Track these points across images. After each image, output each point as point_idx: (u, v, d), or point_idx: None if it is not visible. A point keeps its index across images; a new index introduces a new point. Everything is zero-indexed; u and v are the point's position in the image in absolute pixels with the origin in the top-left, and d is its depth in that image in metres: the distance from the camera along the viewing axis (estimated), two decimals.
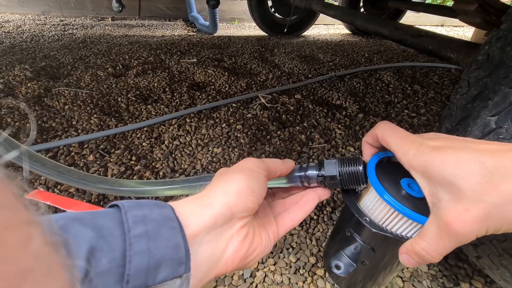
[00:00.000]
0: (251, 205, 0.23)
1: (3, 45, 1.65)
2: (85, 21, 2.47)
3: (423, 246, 0.21)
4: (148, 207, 0.20)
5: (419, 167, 0.21)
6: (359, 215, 0.27)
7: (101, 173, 0.73)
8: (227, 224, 0.22)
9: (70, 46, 1.68)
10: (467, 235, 0.19)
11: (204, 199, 0.22)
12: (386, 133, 0.25)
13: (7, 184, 0.10)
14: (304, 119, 1.02)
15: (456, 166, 0.19)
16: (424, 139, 0.22)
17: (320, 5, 1.62)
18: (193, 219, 0.21)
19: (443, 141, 0.21)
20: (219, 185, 0.23)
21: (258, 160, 0.26)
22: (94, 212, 0.19)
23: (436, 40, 0.79)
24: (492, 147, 0.19)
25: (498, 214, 0.18)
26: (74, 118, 0.96)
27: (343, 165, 0.28)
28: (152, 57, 1.56)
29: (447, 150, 0.20)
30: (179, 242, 0.19)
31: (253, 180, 0.23)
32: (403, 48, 1.99)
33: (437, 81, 1.38)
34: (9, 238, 0.09)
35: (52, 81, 1.21)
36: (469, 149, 0.20)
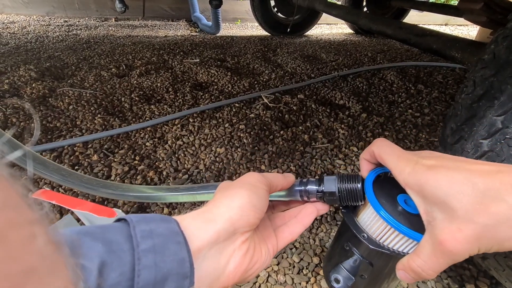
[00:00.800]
0: (253, 220, 0.23)
1: (9, 45, 1.67)
2: (89, 22, 2.49)
3: (419, 263, 0.22)
4: (155, 222, 0.20)
5: (414, 186, 0.22)
6: (357, 231, 0.28)
7: (105, 173, 0.74)
8: (230, 239, 0.23)
9: (74, 47, 1.70)
10: (460, 253, 0.20)
11: (208, 214, 0.22)
12: (382, 150, 0.25)
13: (12, 183, 0.10)
14: (307, 119, 1.01)
15: (449, 186, 0.20)
16: (419, 158, 0.23)
17: (323, 4, 1.62)
18: (197, 234, 0.21)
19: (437, 160, 0.22)
20: (222, 200, 0.24)
21: (260, 174, 0.26)
22: (103, 226, 0.19)
23: (440, 39, 0.79)
24: (484, 167, 0.20)
25: (488, 234, 0.19)
26: (78, 118, 0.96)
27: (342, 182, 0.28)
28: (155, 57, 1.56)
29: (440, 169, 0.21)
30: (184, 256, 0.20)
31: (256, 195, 0.24)
32: (407, 48, 1.98)
33: (441, 81, 1.37)
34: (13, 237, 0.09)
35: (57, 81, 1.22)
36: (462, 170, 0.20)
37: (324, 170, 0.78)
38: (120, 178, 0.73)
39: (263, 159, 0.81)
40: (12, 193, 0.10)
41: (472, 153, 0.39)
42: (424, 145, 0.89)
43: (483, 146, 0.38)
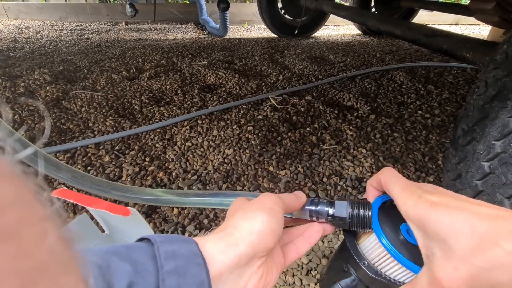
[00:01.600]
0: (271, 245, 0.24)
1: (24, 50, 1.73)
2: (100, 26, 2.55)
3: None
4: (177, 243, 0.21)
5: (416, 220, 0.23)
6: (358, 257, 0.28)
7: (116, 173, 0.75)
8: (249, 263, 0.23)
9: (86, 51, 1.74)
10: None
11: (230, 238, 0.23)
12: (388, 179, 0.26)
13: (24, 180, 0.10)
14: (314, 120, 1.01)
15: (449, 225, 0.21)
16: (422, 192, 0.24)
17: (331, 6, 1.62)
18: (219, 258, 0.22)
19: (440, 196, 0.23)
20: (243, 224, 0.24)
21: (276, 197, 0.27)
22: (128, 246, 0.20)
23: (451, 40, 0.78)
24: (485, 210, 0.21)
25: (483, 277, 0.19)
26: (91, 120, 0.99)
27: (354, 208, 0.29)
28: (164, 60, 1.59)
29: (443, 208, 0.22)
30: (204, 279, 0.20)
31: (275, 220, 0.25)
32: (416, 48, 1.95)
33: (452, 81, 1.35)
34: (25, 234, 0.09)
35: (70, 84, 1.26)
36: (463, 210, 0.21)
37: (332, 171, 0.78)
38: (131, 178, 0.74)
39: (271, 160, 0.81)
40: (24, 190, 0.10)
41: (484, 155, 0.38)
42: (435, 147, 0.88)
43: (495, 148, 0.37)
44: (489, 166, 0.38)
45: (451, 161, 0.46)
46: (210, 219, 0.63)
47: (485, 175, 0.39)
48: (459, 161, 0.44)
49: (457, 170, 0.44)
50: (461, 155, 0.43)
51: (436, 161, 0.82)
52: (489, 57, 0.59)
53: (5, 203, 0.09)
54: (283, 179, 0.74)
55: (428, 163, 0.81)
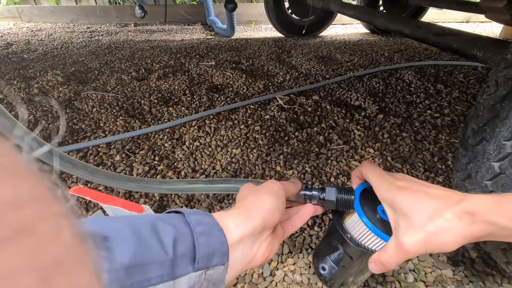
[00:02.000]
0: (277, 220, 0.31)
1: (37, 52, 1.78)
2: (110, 28, 2.60)
3: (385, 257, 0.30)
4: (201, 214, 0.27)
5: (387, 200, 0.30)
6: (343, 232, 0.36)
7: (127, 172, 0.77)
8: (260, 233, 0.29)
9: (97, 52, 1.78)
10: (412, 252, 0.27)
11: (247, 214, 0.29)
12: (368, 170, 0.34)
13: (40, 177, 0.11)
14: (322, 120, 1.01)
15: (411, 203, 0.28)
16: (393, 179, 0.31)
17: (338, 5, 1.61)
18: (238, 228, 0.28)
19: (406, 182, 0.30)
20: (256, 203, 0.30)
21: (279, 183, 0.34)
22: (166, 215, 0.27)
23: (461, 38, 0.77)
24: (437, 192, 0.28)
25: (432, 239, 0.26)
26: (102, 120, 1.01)
27: (340, 193, 0.36)
28: (173, 61, 1.61)
29: (407, 190, 0.29)
30: (223, 240, 0.26)
31: (280, 201, 0.31)
32: (425, 46, 1.92)
33: (462, 80, 1.32)
34: (42, 230, 0.09)
35: (81, 85, 1.29)
36: (421, 192, 0.29)
37: (340, 171, 0.78)
38: (141, 177, 0.76)
39: (278, 160, 0.82)
40: (40, 187, 0.10)
41: (494, 155, 0.38)
42: (444, 147, 0.87)
43: (506, 148, 0.37)
44: (499, 167, 0.38)
45: (461, 161, 0.46)
46: None
47: (495, 176, 0.39)
48: (469, 161, 0.43)
49: (467, 170, 0.44)
50: (471, 155, 0.43)
51: (445, 161, 0.81)
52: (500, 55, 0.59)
53: (23, 200, 0.09)
54: (290, 178, 0.75)
55: (438, 163, 0.80)
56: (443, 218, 0.26)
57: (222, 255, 0.25)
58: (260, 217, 0.29)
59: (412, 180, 0.31)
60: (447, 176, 0.76)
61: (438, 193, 0.28)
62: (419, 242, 0.27)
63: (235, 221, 0.28)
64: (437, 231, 0.26)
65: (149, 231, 0.23)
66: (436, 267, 0.54)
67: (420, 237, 0.27)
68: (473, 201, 0.26)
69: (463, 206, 0.26)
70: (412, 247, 0.27)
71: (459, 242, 0.26)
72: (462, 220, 0.26)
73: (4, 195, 0.09)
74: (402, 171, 0.78)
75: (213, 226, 0.26)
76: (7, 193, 0.09)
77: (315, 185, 0.38)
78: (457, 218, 0.26)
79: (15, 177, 0.09)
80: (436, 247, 0.27)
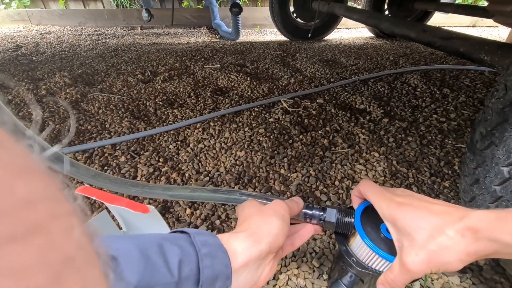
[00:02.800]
0: (282, 243, 0.31)
1: (45, 54, 1.81)
2: (117, 31, 2.63)
3: (391, 277, 0.29)
4: (206, 235, 0.27)
5: (389, 219, 0.29)
6: (348, 256, 0.35)
7: (131, 173, 0.78)
8: (267, 256, 0.30)
9: (104, 54, 1.80)
10: (417, 272, 0.27)
11: (254, 237, 0.29)
12: (366, 188, 0.33)
13: (51, 176, 0.11)
14: (326, 123, 1.01)
15: (412, 221, 0.27)
16: (393, 195, 0.30)
17: (343, 9, 1.61)
18: (244, 252, 0.28)
19: (406, 198, 0.29)
20: (263, 227, 0.30)
21: (285, 204, 0.34)
22: (172, 235, 0.27)
23: (468, 42, 0.76)
24: (438, 208, 0.27)
25: (435, 259, 0.26)
26: (107, 121, 1.02)
27: (341, 215, 0.35)
28: (178, 64, 1.62)
29: (408, 207, 0.28)
30: (228, 263, 0.26)
31: (285, 224, 0.31)
32: (431, 51, 1.91)
33: (468, 84, 1.31)
34: (54, 228, 0.10)
35: (88, 87, 1.30)
36: (423, 208, 0.28)
37: (345, 175, 0.77)
38: (145, 178, 0.76)
39: (282, 163, 0.81)
40: (52, 185, 0.11)
41: (503, 159, 0.37)
42: (451, 151, 0.85)
43: None
44: (508, 172, 0.37)
45: (469, 166, 0.45)
46: (222, 220, 0.64)
47: (504, 181, 0.38)
48: (477, 166, 0.43)
49: (475, 175, 0.43)
50: (479, 159, 0.42)
51: (452, 166, 0.80)
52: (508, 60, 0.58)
53: (37, 198, 0.09)
54: (294, 181, 0.75)
55: (444, 168, 0.79)
56: (445, 235, 0.25)
57: (226, 278, 0.26)
58: (267, 241, 0.29)
59: (412, 196, 0.30)
60: (453, 181, 0.75)
61: (440, 209, 0.27)
62: (422, 262, 0.26)
63: (242, 245, 0.28)
64: (440, 249, 0.25)
65: (156, 251, 0.23)
66: (443, 273, 0.53)
67: (423, 257, 0.26)
68: (476, 218, 0.25)
69: (466, 222, 0.25)
70: (415, 267, 0.26)
71: (464, 260, 0.25)
72: (465, 237, 0.25)
73: (19, 192, 0.09)
74: (407, 175, 0.77)
75: (218, 248, 0.26)
76: (22, 191, 0.09)
77: (316, 205, 0.39)
78: (459, 235, 0.25)
79: (29, 176, 0.10)
80: (440, 266, 0.26)
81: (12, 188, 0.09)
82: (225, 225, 0.63)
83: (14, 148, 0.10)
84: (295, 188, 0.73)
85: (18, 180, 0.09)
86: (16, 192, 0.09)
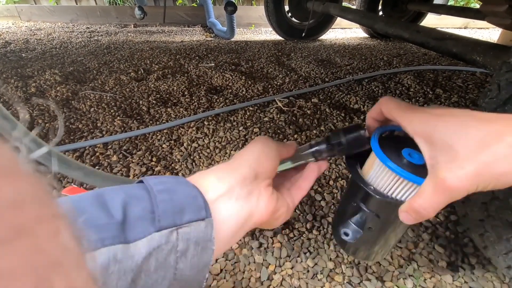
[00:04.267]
0: (269, 167, 0.27)
1: (35, 51, 1.77)
2: (110, 28, 2.59)
3: (420, 202, 0.23)
4: (163, 177, 0.24)
5: (423, 133, 0.24)
6: (365, 185, 0.30)
7: (123, 173, 0.76)
8: (254, 181, 0.26)
9: (96, 52, 1.77)
10: (459, 190, 0.21)
11: (231, 165, 0.26)
12: (391, 106, 0.27)
13: (37, 178, 0.11)
14: (321, 122, 1.01)
15: (456, 130, 0.22)
16: (428, 109, 0.25)
17: (338, 9, 1.62)
18: (226, 178, 0.25)
19: (445, 110, 0.24)
20: (241, 154, 0.27)
21: (267, 137, 0.31)
22: (120, 186, 0.23)
23: (461, 43, 0.77)
24: (489, 115, 0.22)
25: (487, 171, 0.20)
26: (99, 120, 1.00)
27: (347, 132, 0.31)
28: (172, 62, 1.61)
29: (449, 117, 0.23)
30: (196, 194, 0.23)
31: (268, 148, 0.28)
32: (424, 51, 1.93)
33: (460, 85, 1.33)
34: (40, 231, 0.09)
35: (79, 85, 1.28)
36: (468, 116, 0.22)
37: (339, 174, 0.77)
38: (137, 178, 0.75)
39: None
40: (39, 187, 0.10)
41: None
42: None
43: None
44: None
45: None
46: None
47: None
48: None
49: None
50: None
51: None
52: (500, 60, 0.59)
53: (23, 200, 0.09)
54: None
55: None
56: (504, 142, 0.20)
57: (197, 209, 0.22)
58: (247, 164, 0.26)
59: (450, 108, 0.24)
60: None
61: (491, 116, 0.22)
62: (468, 176, 0.20)
63: (217, 174, 0.25)
64: (495, 160, 0.20)
65: (91, 200, 0.20)
66: (435, 272, 0.54)
67: (471, 169, 0.20)
68: None
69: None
70: (458, 182, 0.21)
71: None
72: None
73: (5, 195, 0.09)
74: None
75: (178, 183, 0.23)
76: (8, 193, 0.09)
77: (317, 140, 0.33)
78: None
79: (15, 178, 0.09)
80: (491, 181, 0.20)
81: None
82: None
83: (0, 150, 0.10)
84: None
85: (4, 182, 0.09)
86: (2, 194, 0.09)
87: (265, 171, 0.27)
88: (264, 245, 0.58)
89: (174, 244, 0.20)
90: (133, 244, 0.19)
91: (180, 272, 0.20)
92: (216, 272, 0.53)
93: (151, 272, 0.19)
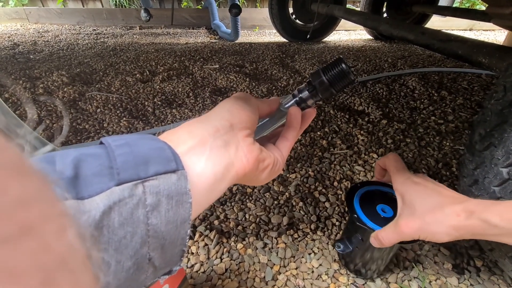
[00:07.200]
0: (243, 117, 0.26)
1: (43, 53, 1.80)
2: (116, 30, 2.63)
3: (382, 235, 0.35)
4: (127, 134, 0.23)
5: (400, 191, 0.35)
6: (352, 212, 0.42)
7: None
8: (231, 132, 0.25)
9: (102, 54, 1.79)
10: (407, 234, 0.33)
11: (201, 118, 0.25)
12: (391, 163, 0.39)
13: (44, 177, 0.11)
14: (325, 124, 1.01)
15: (420, 197, 0.33)
16: (412, 175, 0.36)
17: (342, 11, 1.62)
18: (198, 130, 0.24)
19: (422, 180, 0.35)
20: (213, 109, 0.26)
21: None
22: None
23: (466, 45, 0.76)
24: (450, 193, 0.33)
25: (427, 228, 0.31)
26: (105, 120, 1.01)
27: (327, 69, 0.30)
28: (177, 64, 1.62)
29: (421, 186, 0.34)
30: (162, 146, 0.21)
31: (241, 101, 0.27)
32: (429, 53, 1.93)
33: (466, 87, 1.32)
34: (46, 229, 0.09)
35: (86, 86, 1.30)
36: (434, 190, 0.33)
37: (343, 176, 0.77)
38: None
39: None
40: (45, 186, 0.11)
41: (502, 160, 0.38)
42: (448, 153, 0.86)
43: None
44: (507, 172, 0.38)
45: (468, 167, 0.45)
46: (220, 220, 0.64)
47: (503, 181, 0.38)
48: (476, 167, 0.43)
49: (474, 176, 0.43)
50: (478, 160, 0.42)
51: (450, 168, 0.80)
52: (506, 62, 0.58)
53: (30, 199, 0.09)
54: (293, 182, 0.74)
55: (442, 169, 0.80)
56: (442, 212, 0.30)
57: (165, 161, 0.20)
58: (218, 117, 0.25)
59: (429, 180, 0.35)
60: (451, 183, 0.75)
61: (448, 194, 0.32)
62: (414, 228, 0.32)
63: (188, 128, 0.24)
64: (433, 222, 0.30)
65: (37, 160, 0.18)
66: (441, 274, 0.53)
67: (417, 224, 0.31)
68: (475, 202, 0.29)
69: (465, 205, 0.29)
70: (407, 230, 0.32)
71: (450, 234, 0.29)
72: (459, 216, 0.29)
73: (12, 193, 0.09)
74: None
75: (140, 138, 0.21)
76: (15, 192, 0.09)
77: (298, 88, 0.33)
78: (455, 214, 0.29)
79: (22, 176, 0.09)
80: (427, 235, 0.31)
81: (5, 188, 0.08)
82: (223, 225, 0.63)
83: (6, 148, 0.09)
84: (294, 188, 0.73)
85: (11, 181, 0.09)
86: (9, 192, 0.08)
87: (240, 121, 0.25)
88: (269, 245, 0.58)
89: (141, 198, 0.18)
90: (89, 200, 0.16)
91: (154, 227, 0.19)
92: (221, 271, 0.53)
93: (116, 228, 0.17)
